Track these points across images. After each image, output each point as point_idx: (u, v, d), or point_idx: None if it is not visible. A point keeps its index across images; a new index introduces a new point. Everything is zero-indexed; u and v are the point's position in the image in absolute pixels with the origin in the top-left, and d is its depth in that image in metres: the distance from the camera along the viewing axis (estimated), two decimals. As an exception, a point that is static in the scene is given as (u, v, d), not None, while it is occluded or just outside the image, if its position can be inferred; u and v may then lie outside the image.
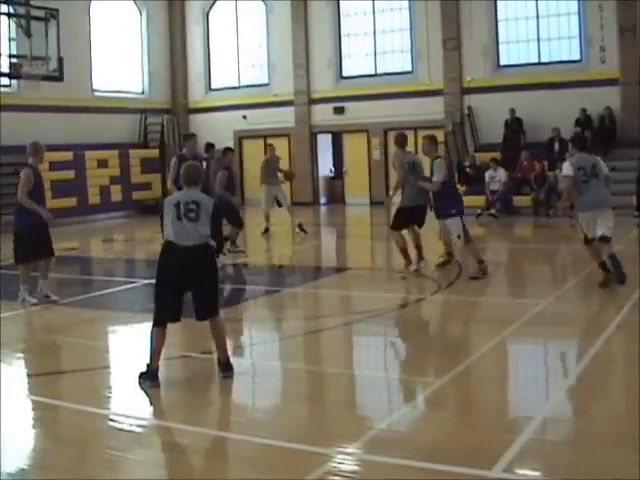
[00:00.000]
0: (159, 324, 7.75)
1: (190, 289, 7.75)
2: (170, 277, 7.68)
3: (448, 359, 8.61)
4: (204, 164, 17.50)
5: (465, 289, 12.49)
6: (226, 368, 7.90)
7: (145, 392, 7.52)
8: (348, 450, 5.87)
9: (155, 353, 7.71)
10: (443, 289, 12.25)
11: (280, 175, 20.38)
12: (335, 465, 5.65)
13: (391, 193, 13.88)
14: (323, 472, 5.52)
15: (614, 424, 6.26)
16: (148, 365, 7.71)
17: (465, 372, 7.96)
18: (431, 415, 6.99)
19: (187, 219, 7.62)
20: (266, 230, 20.30)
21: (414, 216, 13.35)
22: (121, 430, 6.69)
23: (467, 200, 18.50)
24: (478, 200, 22.44)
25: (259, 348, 9.64)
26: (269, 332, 10.41)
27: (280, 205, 20.48)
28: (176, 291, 7.71)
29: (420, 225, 13.58)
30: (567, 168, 11.72)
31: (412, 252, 13.48)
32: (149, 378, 7.67)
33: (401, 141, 13.66)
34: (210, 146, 17.34)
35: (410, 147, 26.89)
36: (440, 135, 25.40)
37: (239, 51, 30.93)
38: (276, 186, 20.36)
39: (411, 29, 27.52)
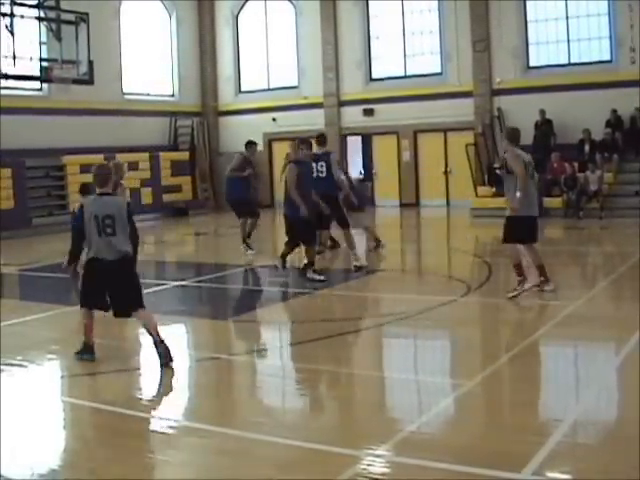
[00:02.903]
0: (84, 307, 8.55)
1: (110, 291, 8.40)
2: (97, 287, 8.41)
3: (478, 361, 8.57)
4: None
5: (495, 291, 12.43)
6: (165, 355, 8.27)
7: (175, 394, 7.55)
8: (378, 452, 5.86)
9: (87, 329, 8.50)
10: (473, 291, 12.21)
11: None
12: (364, 467, 5.64)
13: (512, 200, 12.20)
14: (352, 474, 5.51)
15: (646, 427, 6.20)
16: (84, 342, 8.52)
17: (496, 374, 7.93)
18: (461, 417, 6.96)
19: (106, 234, 8.20)
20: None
21: (524, 228, 11.84)
22: (151, 431, 6.73)
23: (497, 202, 18.50)
24: (508, 202, 22.21)
25: (288, 350, 9.65)
26: (298, 334, 10.40)
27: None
28: (101, 293, 8.42)
29: (534, 240, 12.04)
30: None
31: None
32: (86, 352, 8.49)
33: (515, 136, 12.26)
34: (250, 144, 17.55)
35: (440, 148, 27.43)
36: (470, 137, 25.50)
37: (268, 53, 31.03)
38: None
39: (440, 30, 27.45)
